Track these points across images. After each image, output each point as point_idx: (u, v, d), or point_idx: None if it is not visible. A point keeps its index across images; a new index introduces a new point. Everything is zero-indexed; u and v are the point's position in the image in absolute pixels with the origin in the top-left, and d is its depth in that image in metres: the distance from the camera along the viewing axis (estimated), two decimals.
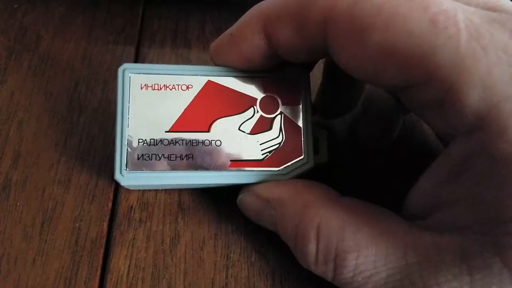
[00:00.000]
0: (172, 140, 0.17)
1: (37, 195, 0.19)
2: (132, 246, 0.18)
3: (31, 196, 0.19)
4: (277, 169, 0.18)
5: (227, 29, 0.18)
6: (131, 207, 0.19)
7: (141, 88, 0.18)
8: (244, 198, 0.18)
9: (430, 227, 0.15)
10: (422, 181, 0.15)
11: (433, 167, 0.15)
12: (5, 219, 0.18)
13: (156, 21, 0.25)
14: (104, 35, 0.24)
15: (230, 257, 0.19)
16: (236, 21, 0.17)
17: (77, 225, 0.19)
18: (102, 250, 0.18)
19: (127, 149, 0.17)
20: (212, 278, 0.18)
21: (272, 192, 0.17)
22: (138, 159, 0.17)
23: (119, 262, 0.18)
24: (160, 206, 0.19)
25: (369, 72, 0.15)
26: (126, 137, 0.17)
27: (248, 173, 0.18)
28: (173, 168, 0.17)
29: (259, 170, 0.18)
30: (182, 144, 0.18)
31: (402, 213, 0.16)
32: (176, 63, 0.24)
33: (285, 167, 0.18)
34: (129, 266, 0.18)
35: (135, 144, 0.17)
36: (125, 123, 0.17)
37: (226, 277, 0.18)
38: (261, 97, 0.18)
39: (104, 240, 0.19)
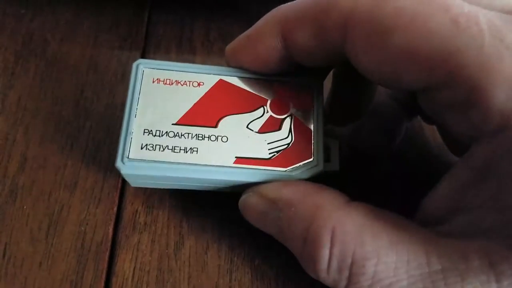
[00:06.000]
0: (178, 132, 0.17)
1: (43, 199, 0.19)
2: (137, 249, 0.19)
3: (37, 200, 0.19)
4: (284, 169, 0.17)
5: (232, 35, 0.18)
6: (136, 211, 0.20)
7: (153, 82, 0.18)
8: (247, 199, 0.17)
9: (451, 232, 0.14)
10: (442, 185, 0.15)
11: (454, 170, 0.14)
12: (12, 222, 0.19)
13: (162, 27, 0.26)
14: (110, 41, 0.24)
15: (233, 261, 0.19)
16: (240, 26, 0.18)
17: (82, 228, 0.19)
18: (107, 254, 0.19)
19: (131, 137, 0.17)
20: (216, 282, 0.18)
21: (280, 192, 0.16)
22: (142, 148, 0.17)
23: (124, 265, 0.18)
24: (164, 210, 0.20)
25: (389, 75, 0.14)
26: (131, 126, 0.17)
27: (253, 171, 0.17)
28: (176, 160, 0.17)
29: (264, 169, 0.17)
30: (188, 138, 0.17)
31: (415, 219, 0.15)
32: None
33: (292, 168, 0.17)
34: (134, 269, 0.18)
35: (140, 133, 0.17)
36: (133, 112, 0.17)
37: (230, 281, 0.18)
38: (272, 98, 0.18)
39: (109, 244, 0.19)
